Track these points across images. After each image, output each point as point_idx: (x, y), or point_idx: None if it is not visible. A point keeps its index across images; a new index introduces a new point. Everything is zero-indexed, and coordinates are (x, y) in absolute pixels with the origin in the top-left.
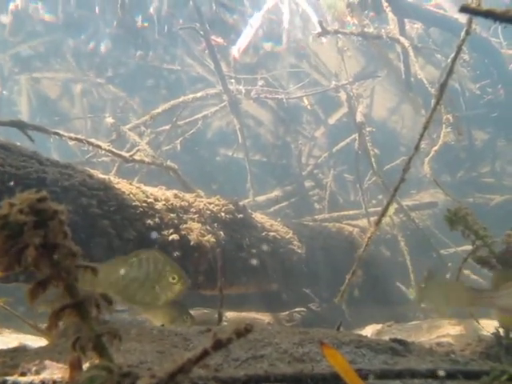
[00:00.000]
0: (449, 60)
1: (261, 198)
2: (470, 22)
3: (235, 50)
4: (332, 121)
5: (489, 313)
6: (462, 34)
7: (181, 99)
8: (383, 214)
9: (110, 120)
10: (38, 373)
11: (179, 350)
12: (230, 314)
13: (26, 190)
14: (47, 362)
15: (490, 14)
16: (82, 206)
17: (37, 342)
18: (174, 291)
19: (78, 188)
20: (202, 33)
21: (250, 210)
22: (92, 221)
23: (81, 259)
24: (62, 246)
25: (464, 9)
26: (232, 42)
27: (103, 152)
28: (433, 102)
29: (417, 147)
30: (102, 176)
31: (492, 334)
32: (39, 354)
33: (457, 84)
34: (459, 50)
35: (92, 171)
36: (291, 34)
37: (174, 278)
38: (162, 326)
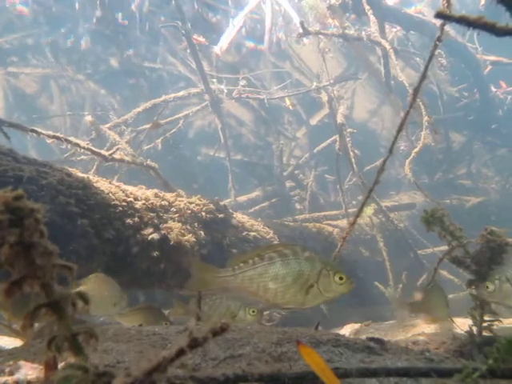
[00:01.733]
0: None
1: (242, 198)
2: (442, 29)
3: (217, 49)
4: (313, 122)
5: (463, 311)
6: (435, 40)
7: (162, 98)
8: (358, 215)
9: (89, 118)
10: (11, 373)
11: (157, 349)
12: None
13: (1, 188)
14: (22, 363)
15: (463, 21)
16: (60, 204)
17: (11, 342)
18: (339, 291)
19: (56, 187)
20: (183, 31)
21: (230, 210)
22: (70, 220)
23: (58, 258)
24: (38, 244)
25: (439, 14)
26: (214, 42)
27: (82, 150)
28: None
29: (391, 150)
30: (80, 175)
31: (466, 332)
32: (13, 354)
33: (435, 87)
34: (431, 56)
35: (70, 170)
36: (273, 34)
37: (341, 278)
38: (140, 325)
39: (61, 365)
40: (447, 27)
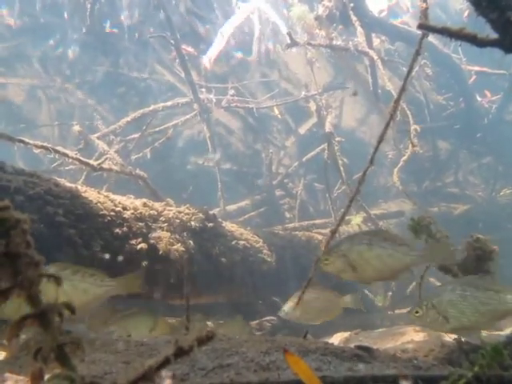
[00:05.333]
0: (407, 74)
1: (231, 207)
2: (420, 43)
3: (206, 59)
4: (302, 130)
5: None
6: (413, 54)
7: (151, 107)
8: (339, 223)
9: (77, 128)
10: None
11: (145, 360)
12: (199, 324)
13: None
14: (7, 375)
15: (445, 32)
16: (48, 214)
17: None
18: None
19: (44, 197)
20: (172, 41)
21: (220, 219)
22: (58, 230)
23: (44, 269)
24: (25, 255)
25: (421, 26)
26: (203, 52)
27: (71, 160)
28: (398, 113)
29: (371, 160)
30: (68, 185)
31: (454, 339)
32: None
33: (422, 96)
34: (410, 69)
35: (58, 180)
36: (261, 44)
37: None
38: (129, 336)
39: (47, 376)
40: (431, 38)
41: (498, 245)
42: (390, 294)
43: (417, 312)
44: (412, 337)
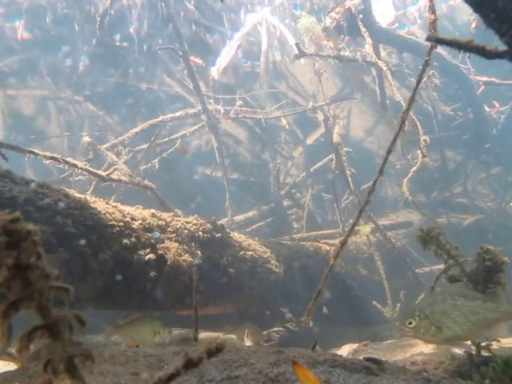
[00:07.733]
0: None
1: (239, 217)
2: (429, 54)
3: (214, 70)
4: (310, 141)
5: None
6: (422, 64)
7: (159, 118)
8: (349, 234)
9: (86, 139)
10: None
11: (154, 371)
12: (208, 335)
13: None
14: None
15: (454, 44)
16: (57, 225)
17: (5, 367)
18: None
19: (53, 207)
20: (180, 53)
21: (228, 229)
22: (67, 240)
23: (55, 280)
24: (35, 266)
25: (430, 38)
26: (211, 63)
27: (80, 171)
28: (407, 123)
29: (381, 171)
30: (77, 195)
31: (464, 352)
32: (7, 378)
33: (430, 107)
34: (419, 80)
35: (68, 190)
36: (269, 55)
37: None
38: (137, 347)
39: None
40: (440, 49)
41: (508, 256)
42: (399, 305)
43: (410, 323)
44: (421, 349)
